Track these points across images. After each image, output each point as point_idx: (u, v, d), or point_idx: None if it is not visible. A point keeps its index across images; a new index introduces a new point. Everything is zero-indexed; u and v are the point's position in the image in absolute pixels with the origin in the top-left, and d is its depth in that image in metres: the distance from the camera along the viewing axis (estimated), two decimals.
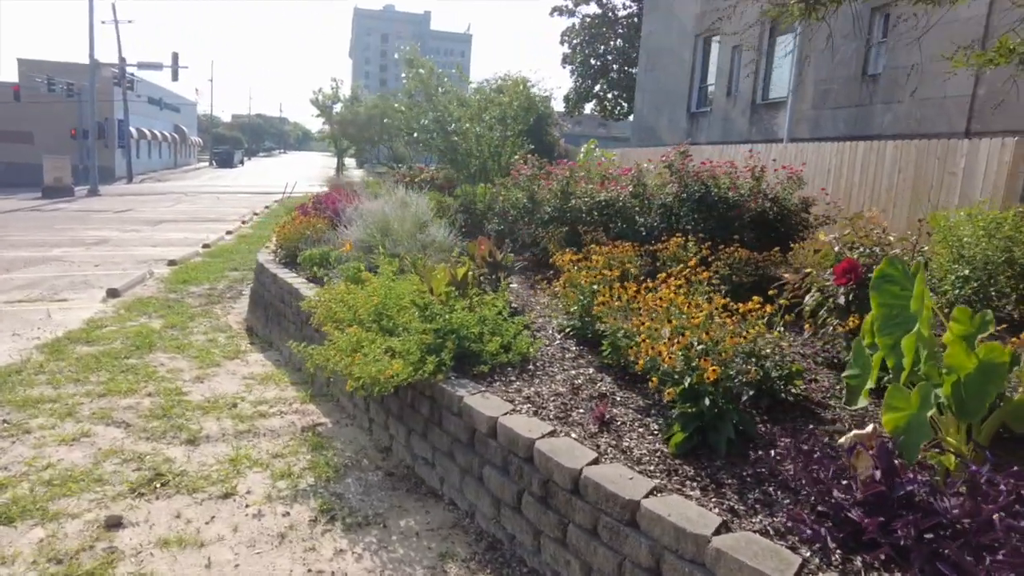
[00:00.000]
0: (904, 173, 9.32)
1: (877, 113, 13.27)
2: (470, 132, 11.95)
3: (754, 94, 17.13)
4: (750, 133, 17.16)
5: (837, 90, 14.29)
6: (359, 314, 4.75)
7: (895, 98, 12.86)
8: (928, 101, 12.16)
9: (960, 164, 8.68)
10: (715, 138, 18.31)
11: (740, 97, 17.62)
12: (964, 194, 8.58)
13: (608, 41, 30.56)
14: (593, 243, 6.68)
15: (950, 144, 8.82)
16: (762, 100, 17.03)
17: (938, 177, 8.92)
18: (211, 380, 5.88)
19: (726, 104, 18.25)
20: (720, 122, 18.51)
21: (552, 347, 4.64)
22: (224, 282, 10.81)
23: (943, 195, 8.83)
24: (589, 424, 3.50)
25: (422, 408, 4.14)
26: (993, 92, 11.14)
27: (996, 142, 8.35)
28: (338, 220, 8.91)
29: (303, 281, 6.92)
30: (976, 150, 8.51)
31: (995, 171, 8.35)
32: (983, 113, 11.28)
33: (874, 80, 13.37)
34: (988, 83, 11.20)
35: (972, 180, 8.51)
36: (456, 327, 4.34)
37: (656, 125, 21.98)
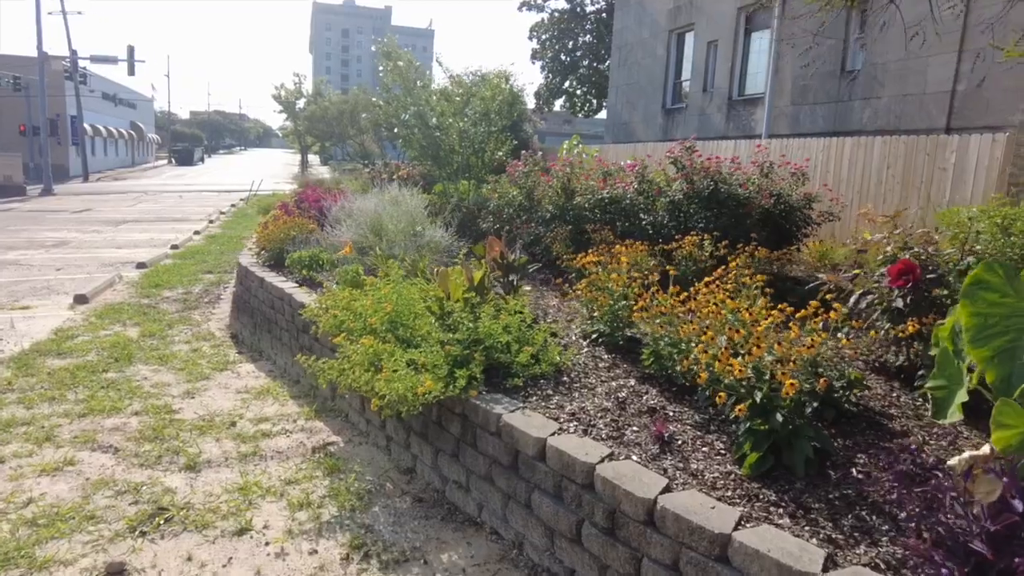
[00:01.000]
0: (893, 169, 9.24)
1: (856, 109, 13.28)
2: (453, 127, 11.53)
3: (731, 90, 17.06)
4: (727, 129, 17.09)
5: (816, 86, 14.27)
6: (371, 323, 4.35)
7: (874, 94, 12.87)
8: (908, 97, 12.18)
9: (950, 160, 8.62)
10: (691, 134, 18.16)
11: (717, 93, 17.54)
12: (955, 190, 8.52)
13: (577, 37, 30.34)
14: (601, 243, 6.38)
15: (939, 140, 8.75)
16: (739, 96, 16.97)
17: (928, 173, 8.85)
18: (202, 395, 5.40)
19: (702, 100, 18.15)
20: (696, 118, 18.41)
21: (581, 355, 4.31)
22: (199, 285, 10.22)
23: (933, 190, 8.76)
24: (648, 444, 3.19)
25: (451, 427, 3.77)
26: (973, 88, 11.20)
27: (987, 138, 8.31)
28: (323, 220, 8.44)
29: (294, 285, 6.46)
30: (966, 146, 8.46)
31: (986, 166, 8.30)
32: (963, 109, 11.33)
33: (852, 76, 13.37)
34: (967, 79, 11.24)
35: (963, 176, 8.45)
36: (482, 336, 3.98)
37: (630, 121, 21.83)
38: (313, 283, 6.73)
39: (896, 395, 3.72)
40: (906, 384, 3.87)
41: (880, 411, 3.53)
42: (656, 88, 20.32)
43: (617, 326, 4.37)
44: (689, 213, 6.46)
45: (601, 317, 4.39)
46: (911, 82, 12.09)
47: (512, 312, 4.41)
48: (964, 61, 11.24)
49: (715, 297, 3.66)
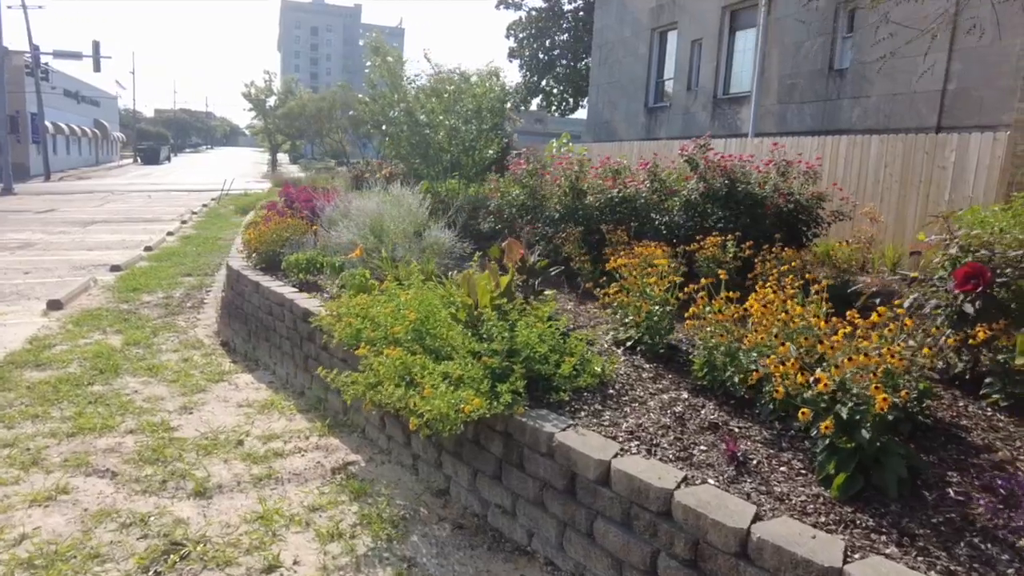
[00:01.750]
0: (891, 168, 9.16)
1: (845, 108, 13.26)
2: (442, 125, 11.18)
3: (716, 89, 16.98)
4: (712, 128, 17.00)
5: (803, 84, 14.23)
6: (393, 332, 4.02)
7: (863, 93, 12.86)
8: (898, 96, 12.18)
9: (950, 159, 8.56)
10: (675, 133, 18.09)
11: (701, 92, 17.45)
12: (955, 188, 8.46)
13: (554, 35, 30.14)
14: (617, 244, 6.12)
15: (938, 138, 8.69)
16: (724, 94, 16.90)
17: (927, 172, 8.78)
18: (201, 410, 4.99)
19: (686, 98, 18.06)
20: (680, 117, 18.32)
21: (620, 365, 4.03)
22: (180, 289, 9.71)
23: (933, 189, 8.70)
24: (721, 465, 2.92)
25: (492, 446, 3.46)
26: (963, 88, 11.22)
27: (987, 136, 8.26)
28: (316, 220, 8.04)
29: (293, 290, 6.07)
30: (966, 144, 8.40)
31: (987, 165, 8.25)
32: (954, 108, 11.35)
33: (841, 75, 13.35)
34: (958, 79, 11.27)
35: (963, 175, 8.39)
36: (519, 347, 3.68)
37: (611, 120, 21.68)
38: (313, 287, 6.35)
39: (962, 404, 3.52)
40: (967, 393, 3.67)
41: (952, 422, 3.32)
42: (638, 87, 20.18)
43: (658, 333, 4.10)
44: (706, 213, 6.24)
45: (640, 323, 4.12)
46: (901, 81, 12.09)
47: (544, 319, 4.12)
48: (954, 60, 11.26)
49: (777, 304, 3.41)
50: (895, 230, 8.89)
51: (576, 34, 29.24)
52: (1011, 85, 10.50)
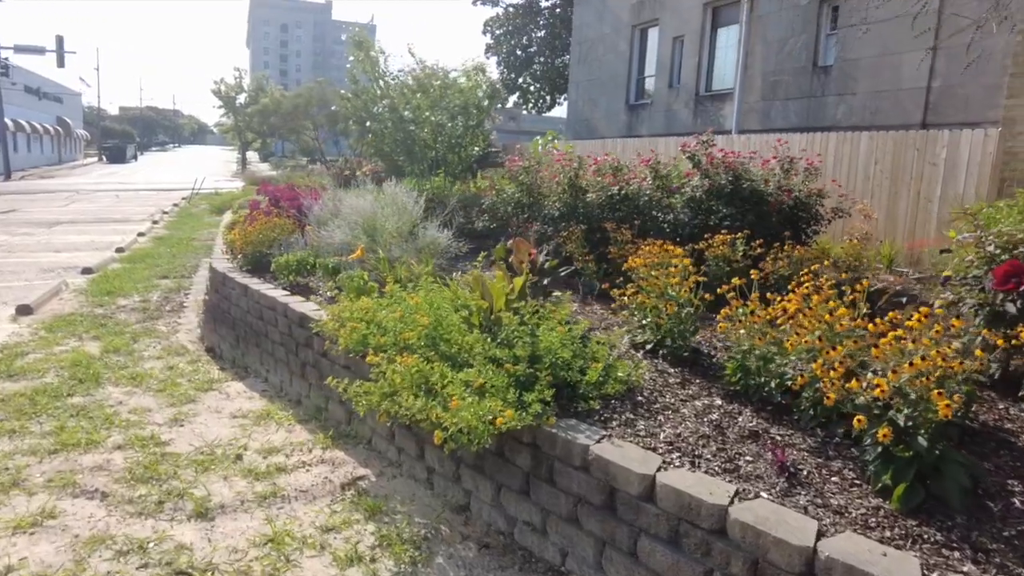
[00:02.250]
0: (881, 164, 9.16)
1: (830, 105, 13.30)
2: (428, 121, 10.93)
3: (698, 86, 16.96)
4: (695, 125, 16.97)
5: (787, 81, 14.26)
6: (404, 338, 3.79)
7: (848, 90, 12.91)
8: (883, 93, 12.24)
9: (941, 155, 8.57)
10: (657, 130, 18.06)
11: (683, 89, 17.42)
12: (947, 185, 8.49)
13: (532, 32, 29.97)
14: (624, 243, 5.95)
15: (929, 135, 8.70)
16: (706, 92, 16.88)
17: (918, 168, 8.79)
18: (192, 422, 4.70)
19: (668, 96, 18.02)
20: (662, 114, 18.27)
21: (643, 370, 3.85)
22: (156, 292, 9.32)
23: (923, 186, 8.72)
24: (771, 476, 2.76)
25: (518, 458, 3.26)
26: (948, 85, 11.30)
27: (979, 133, 8.29)
28: (303, 220, 7.74)
29: (285, 293, 5.79)
30: (957, 141, 8.43)
31: (979, 161, 8.28)
32: (939, 105, 11.42)
33: (826, 72, 13.39)
34: (943, 76, 11.34)
35: (954, 171, 8.41)
36: (542, 352, 3.48)
37: (592, 117, 21.58)
38: (305, 290, 6.08)
39: (1003, 407, 3.42)
40: (1004, 395, 3.57)
41: (997, 426, 3.21)
42: (619, 84, 20.11)
43: (682, 336, 3.93)
44: (711, 210, 6.10)
45: (662, 326, 3.95)
46: (886, 78, 12.15)
47: (562, 323, 3.93)
48: (939, 58, 11.33)
49: (819, 305, 3.26)
50: (886, 227, 8.88)
51: (553, 31, 29.11)
52: (995, 82, 10.60)
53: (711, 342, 4.33)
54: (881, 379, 2.63)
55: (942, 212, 8.47)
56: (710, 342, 4.33)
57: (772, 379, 3.33)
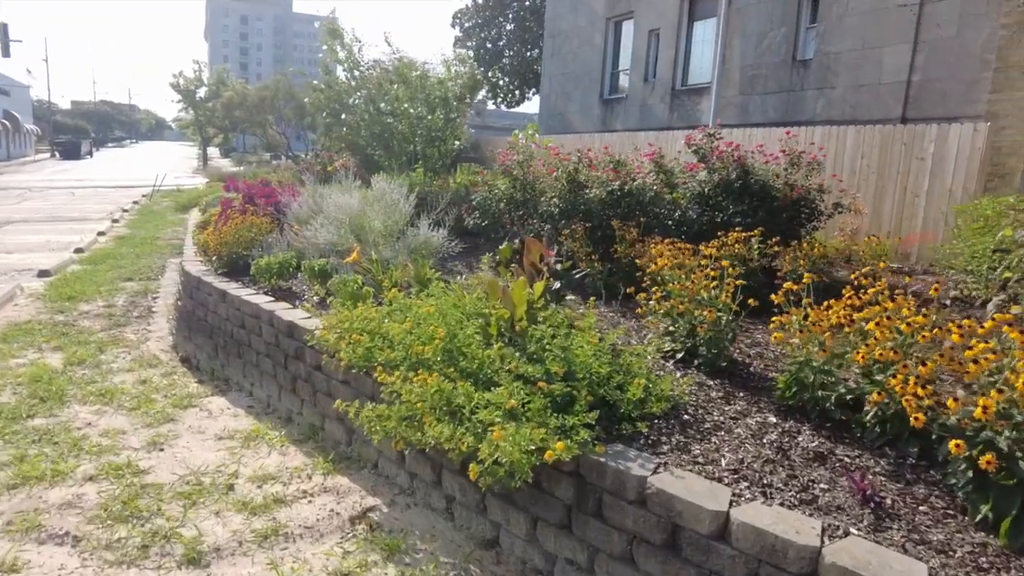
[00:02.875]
0: (868, 159, 9.01)
1: (809, 99, 13.19)
2: (407, 114, 10.45)
3: (674, 80, 16.74)
4: (671, 120, 16.78)
5: (766, 75, 14.11)
6: (417, 351, 3.38)
7: (828, 84, 12.80)
8: (863, 88, 12.15)
9: (929, 150, 8.45)
10: (632, 125, 17.82)
11: (659, 83, 17.18)
12: (935, 180, 8.37)
13: (501, 24, 29.51)
14: (632, 242, 5.62)
15: (916, 129, 8.57)
16: (683, 86, 16.67)
17: (905, 163, 8.66)
18: (173, 445, 4.20)
19: (643, 90, 17.77)
20: (638, 108, 18.03)
21: (680, 383, 3.51)
22: (122, 296, 8.67)
23: (911, 181, 8.59)
24: (853, 507, 2.44)
25: (558, 489, 2.88)
26: (928, 79, 11.25)
27: (968, 127, 8.18)
28: (281, 218, 7.22)
29: (268, 299, 5.30)
30: (945, 136, 8.31)
31: (967, 156, 8.17)
32: (918, 100, 11.37)
33: (805, 65, 13.27)
34: (923, 70, 11.28)
35: (943, 165, 8.29)
36: (577, 368, 3.11)
37: (565, 112, 21.24)
38: (288, 295, 5.61)
39: None
40: None
41: None
42: (593, 78, 19.80)
43: (720, 345, 3.60)
44: (719, 206, 5.80)
45: (698, 334, 3.61)
46: (866, 72, 12.07)
47: (590, 332, 3.57)
48: (919, 52, 11.28)
49: (887, 312, 2.95)
50: (872, 222, 8.73)
51: (523, 23, 28.67)
52: (974, 77, 10.57)
53: (742, 350, 4.02)
54: (987, 399, 2.32)
55: (929, 207, 8.36)
56: (741, 350, 4.01)
57: (832, 393, 3.02)
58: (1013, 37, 9.42)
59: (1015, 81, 9.46)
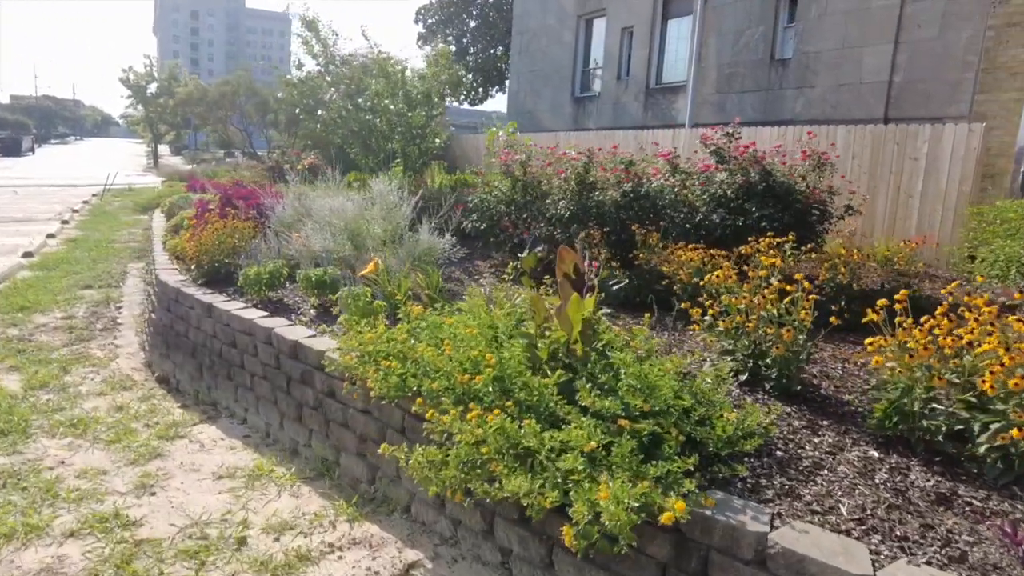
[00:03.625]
0: (859, 159, 8.89)
1: (789, 98, 13.08)
2: (387, 110, 9.89)
3: (648, 78, 16.50)
4: (645, 118, 16.55)
5: (744, 74, 13.97)
6: (462, 381, 2.91)
7: (807, 83, 12.71)
8: (844, 87, 12.08)
9: (922, 150, 8.36)
10: (605, 124, 17.55)
11: (633, 81, 16.93)
12: (928, 180, 8.28)
13: (466, 21, 28.95)
14: (653, 247, 5.24)
15: (909, 129, 8.48)
16: (657, 84, 16.45)
17: (898, 163, 8.55)
18: (165, 487, 3.63)
19: (616, 88, 17.50)
20: (610, 107, 17.75)
21: (756, 411, 3.13)
22: (81, 306, 7.91)
23: (904, 181, 8.49)
24: (1014, 565, 2.08)
25: (651, 547, 2.44)
26: (910, 80, 11.22)
27: (962, 128, 8.10)
28: (265, 223, 6.61)
29: (262, 314, 4.73)
30: (939, 136, 8.23)
31: (962, 156, 8.09)
32: (900, 100, 11.34)
33: (784, 64, 13.16)
34: (904, 70, 11.25)
35: (937, 165, 8.21)
36: (657, 400, 2.69)
37: (535, 110, 20.84)
38: (282, 309, 5.05)
39: None
40: None
41: None
42: (564, 76, 19.44)
43: (793, 366, 3.23)
44: (741, 210, 5.47)
45: (777, 355, 3.23)
46: (847, 72, 12.00)
47: (653, 356, 3.16)
48: (900, 52, 11.24)
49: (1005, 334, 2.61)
50: (865, 222, 8.59)
51: (488, 20, 28.14)
52: (957, 78, 10.57)
53: (804, 370, 3.67)
54: None
55: (924, 208, 8.26)
56: (803, 370, 3.66)
57: (940, 424, 2.68)
58: (1000, 39, 9.41)
59: (1002, 82, 9.46)
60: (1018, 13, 9.22)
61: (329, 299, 5.11)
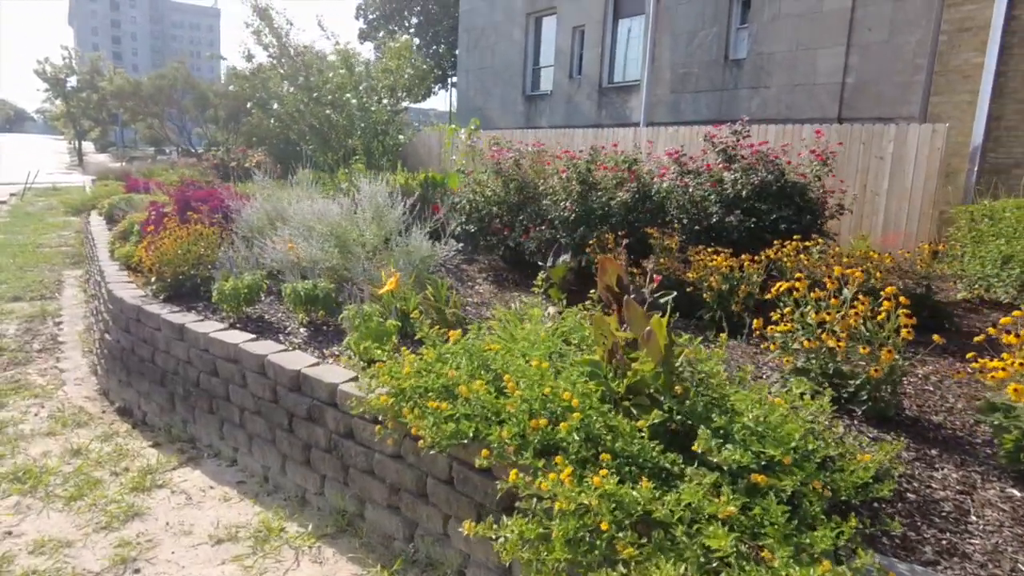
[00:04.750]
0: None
1: (743, 98, 12.98)
2: (349, 104, 9.11)
3: (601, 77, 16.17)
4: (599, 117, 16.24)
5: (698, 74, 13.80)
6: (536, 426, 2.35)
7: (762, 83, 12.64)
8: (799, 88, 12.05)
9: (888, 149, 8.30)
10: (558, 122, 17.16)
11: (586, 80, 16.58)
12: (894, 179, 8.23)
13: (408, 17, 27.99)
14: (671, 252, 4.79)
15: (875, 129, 8.40)
16: (610, 83, 16.14)
17: (864, 162, 8.47)
18: (152, 560, 2.89)
19: (569, 87, 17.11)
20: (563, 105, 17.34)
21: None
22: (12, 322, 6.83)
23: (871, 180, 8.41)
24: None
25: None
26: (862, 81, 11.26)
27: (926, 128, 8.08)
28: (232, 228, 5.78)
29: (247, 336, 3.99)
30: (904, 135, 8.18)
31: (926, 156, 8.07)
32: (853, 101, 11.37)
33: (738, 65, 13.04)
34: (857, 72, 11.29)
35: (902, 165, 8.16)
36: (779, 443, 2.21)
37: (485, 107, 20.22)
38: (265, 327, 4.32)
39: None
40: None
41: None
42: (514, 73, 18.91)
43: (885, 389, 2.82)
44: (754, 211, 5.09)
45: (870, 377, 2.81)
46: (801, 72, 11.96)
47: (740, 386, 2.69)
48: (852, 54, 11.27)
49: None
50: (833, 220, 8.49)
51: (430, 16, 27.26)
52: (907, 80, 10.65)
53: None
54: None
55: (890, 206, 8.20)
56: None
57: None
58: (952, 42, 9.47)
59: (955, 84, 9.53)
60: (969, 19, 9.29)
61: (320, 316, 4.42)
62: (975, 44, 9.17)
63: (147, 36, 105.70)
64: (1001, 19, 8.66)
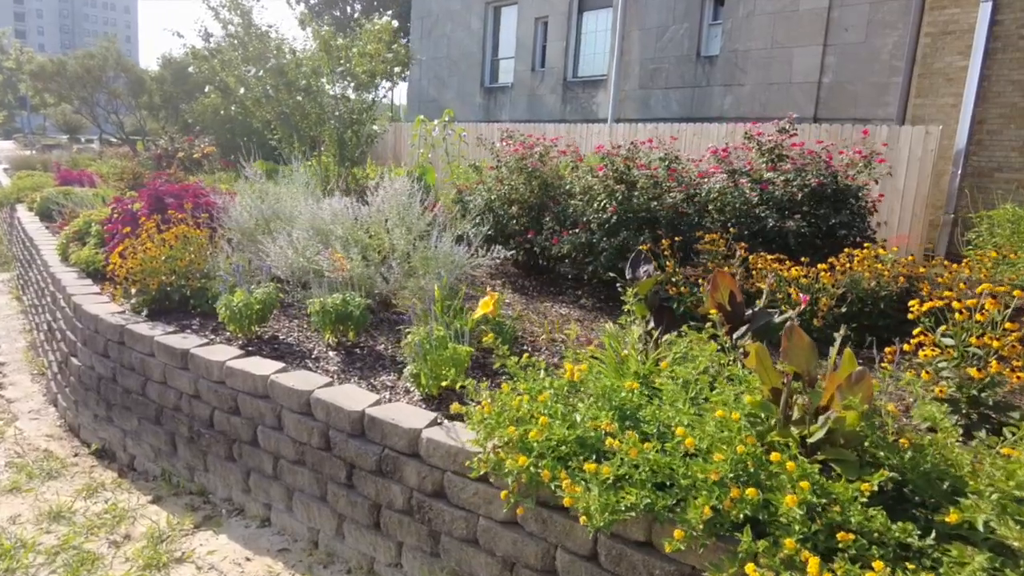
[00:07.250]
0: None
1: (716, 95, 12.83)
2: (323, 91, 8.29)
3: (566, 71, 15.74)
4: (564, 112, 15.82)
5: (669, 70, 13.56)
6: (749, 500, 1.85)
7: (736, 81, 12.51)
8: (774, 86, 11.98)
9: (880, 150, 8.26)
10: (520, 116, 16.64)
11: (549, 73, 16.10)
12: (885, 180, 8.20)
13: (350, 2, 26.75)
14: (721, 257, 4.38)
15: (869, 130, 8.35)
16: (575, 77, 15.73)
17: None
18: None
19: (532, 80, 16.60)
20: (525, 99, 16.82)
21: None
22: None
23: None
24: None
25: None
26: (838, 81, 11.28)
27: (919, 129, 8.09)
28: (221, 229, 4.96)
29: (277, 366, 3.27)
30: (896, 137, 8.18)
31: (919, 157, 8.09)
32: (829, 101, 11.38)
33: (711, 62, 12.87)
34: (833, 72, 11.29)
35: (896, 167, 8.14)
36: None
37: (440, 99, 19.46)
38: (288, 352, 3.61)
39: None
40: None
41: None
42: (473, 65, 18.22)
43: None
44: (817, 215, 4.74)
45: None
46: (777, 71, 11.89)
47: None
48: (829, 54, 11.26)
49: None
50: None
51: (373, 2, 26.08)
52: (883, 81, 10.71)
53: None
54: None
55: (883, 206, 8.15)
56: None
57: None
58: (936, 45, 9.54)
59: (939, 87, 9.62)
60: (953, 22, 9.37)
61: (351, 338, 3.74)
62: (959, 47, 9.24)
63: (54, 15, 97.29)
64: (986, 23, 8.73)
